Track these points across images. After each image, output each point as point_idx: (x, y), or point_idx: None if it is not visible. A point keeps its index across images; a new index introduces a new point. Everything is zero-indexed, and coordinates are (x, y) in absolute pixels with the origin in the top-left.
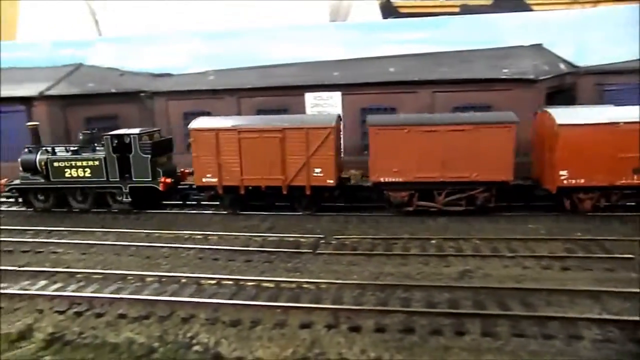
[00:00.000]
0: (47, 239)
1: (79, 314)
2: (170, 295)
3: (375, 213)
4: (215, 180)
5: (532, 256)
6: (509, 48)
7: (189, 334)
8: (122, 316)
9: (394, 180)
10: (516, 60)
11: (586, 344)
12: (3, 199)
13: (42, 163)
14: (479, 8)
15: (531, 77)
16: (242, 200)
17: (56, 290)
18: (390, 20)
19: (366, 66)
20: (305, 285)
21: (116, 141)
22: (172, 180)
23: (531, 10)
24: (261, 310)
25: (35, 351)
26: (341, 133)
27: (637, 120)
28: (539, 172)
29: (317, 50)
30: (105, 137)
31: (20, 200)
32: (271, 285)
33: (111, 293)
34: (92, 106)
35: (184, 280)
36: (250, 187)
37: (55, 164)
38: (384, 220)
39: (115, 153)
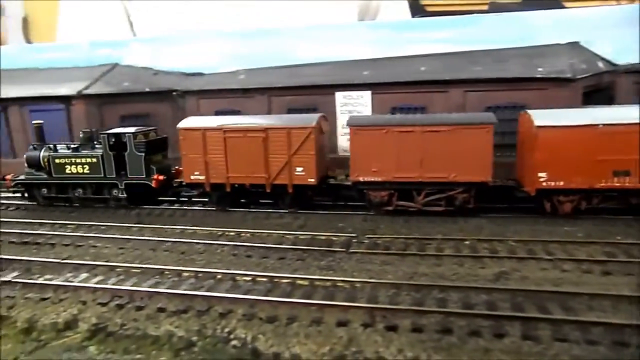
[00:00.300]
0: (87, 233)
1: (120, 307)
2: (207, 291)
3: (409, 214)
4: (203, 177)
5: (570, 259)
6: (544, 46)
7: (226, 329)
8: (161, 310)
9: (373, 179)
10: (552, 59)
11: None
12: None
13: (45, 159)
14: (508, 6)
15: (568, 76)
16: (229, 198)
17: (98, 282)
18: (420, 19)
19: (396, 65)
20: (339, 284)
21: (113, 139)
22: (165, 177)
23: (563, 7)
24: (297, 308)
25: (81, 341)
26: (322, 134)
27: (617, 122)
28: (521, 173)
29: (347, 50)
30: (102, 135)
31: (25, 195)
32: (305, 283)
33: (150, 287)
34: (126, 104)
35: (219, 277)
36: (236, 185)
37: (57, 161)
38: (416, 220)
39: (112, 151)
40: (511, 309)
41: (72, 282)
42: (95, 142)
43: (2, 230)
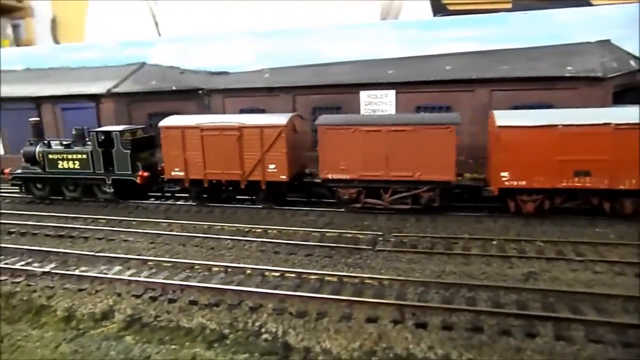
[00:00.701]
0: (118, 227)
1: (153, 299)
2: (237, 285)
3: (435, 213)
4: (182, 174)
5: (602, 261)
6: (573, 44)
7: (257, 323)
8: (193, 302)
9: (341, 177)
10: (582, 57)
11: None
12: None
13: (40, 155)
14: (534, 3)
15: (598, 74)
16: (207, 193)
17: (131, 275)
18: (445, 18)
19: (421, 64)
20: (367, 281)
21: (102, 137)
22: (150, 174)
23: (590, 4)
24: (327, 303)
25: (117, 331)
26: (296, 133)
27: (577, 123)
28: (487, 173)
29: (372, 49)
30: (91, 133)
31: (23, 188)
32: (334, 279)
33: (182, 280)
34: (153, 102)
35: (248, 272)
36: (213, 181)
37: (50, 156)
38: (442, 219)
39: (101, 148)
40: (542, 309)
41: (106, 274)
42: (87, 139)
43: (42, 223)
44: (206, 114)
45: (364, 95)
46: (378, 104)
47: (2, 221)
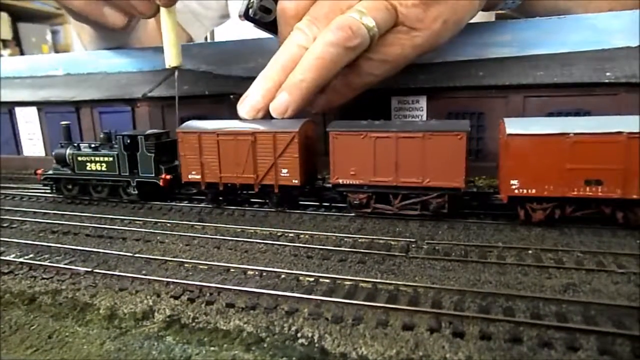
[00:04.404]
0: (154, 229)
1: (191, 300)
2: (272, 289)
3: (471, 220)
4: (198, 177)
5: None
6: (613, 49)
7: (293, 327)
8: (230, 305)
9: (351, 182)
10: (621, 63)
11: None
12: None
13: (70, 157)
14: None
15: (639, 80)
16: (222, 196)
17: (169, 276)
18: (478, 22)
19: (453, 70)
20: (402, 288)
21: (128, 140)
22: (172, 177)
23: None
24: (362, 309)
25: (158, 330)
26: (308, 138)
27: (588, 131)
28: (498, 180)
29: None
30: (118, 136)
31: (54, 188)
32: (368, 285)
33: (218, 283)
34: (186, 106)
35: (283, 276)
36: (228, 184)
37: (79, 158)
38: (475, 226)
39: (126, 151)
40: (584, 322)
41: (146, 275)
42: (114, 142)
43: (83, 224)
44: (235, 119)
45: (394, 101)
46: (409, 109)
47: (47, 220)
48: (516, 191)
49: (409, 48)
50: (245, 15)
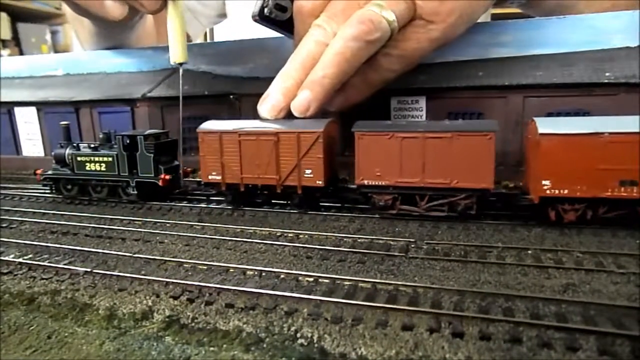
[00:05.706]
0: (153, 229)
1: (191, 301)
2: (272, 289)
3: (468, 220)
4: (219, 177)
5: None
6: (613, 50)
7: (293, 327)
8: (229, 305)
9: (376, 183)
10: (621, 63)
11: None
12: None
13: (69, 157)
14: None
15: (638, 81)
16: (243, 197)
17: (169, 277)
18: (478, 22)
19: (453, 70)
20: (401, 288)
21: (127, 140)
22: (171, 177)
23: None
24: (362, 309)
25: (157, 331)
26: (332, 138)
27: (623, 131)
28: (526, 181)
29: None
30: (117, 136)
31: (53, 188)
32: (368, 285)
33: (217, 283)
34: (186, 106)
35: (282, 276)
36: (249, 185)
37: (79, 158)
38: (474, 227)
39: (126, 151)
40: (583, 322)
41: (145, 275)
42: (113, 142)
43: (82, 224)
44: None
45: (394, 101)
46: (409, 110)
47: (46, 221)
48: (548, 192)
49: (426, 42)
50: (260, 15)
